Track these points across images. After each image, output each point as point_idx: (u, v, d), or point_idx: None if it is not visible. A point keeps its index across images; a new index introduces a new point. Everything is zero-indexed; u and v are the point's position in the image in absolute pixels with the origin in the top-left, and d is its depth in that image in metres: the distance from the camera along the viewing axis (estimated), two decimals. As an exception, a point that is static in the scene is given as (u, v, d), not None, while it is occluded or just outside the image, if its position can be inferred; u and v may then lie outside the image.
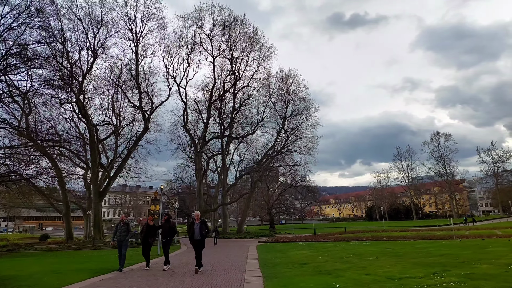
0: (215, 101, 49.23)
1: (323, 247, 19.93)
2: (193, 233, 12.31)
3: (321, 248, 18.80)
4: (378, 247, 16.93)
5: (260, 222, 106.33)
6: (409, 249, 14.95)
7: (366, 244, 19.61)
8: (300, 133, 54.32)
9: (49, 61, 36.63)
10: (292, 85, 54.02)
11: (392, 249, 15.25)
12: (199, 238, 12.30)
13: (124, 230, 13.80)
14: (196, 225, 12.37)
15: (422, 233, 35.32)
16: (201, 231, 12.26)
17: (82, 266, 14.92)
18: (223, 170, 51.88)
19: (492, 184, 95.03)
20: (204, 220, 12.49)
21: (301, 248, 20.03)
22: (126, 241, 13.88)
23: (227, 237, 42.87)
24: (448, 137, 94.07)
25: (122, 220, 14.27)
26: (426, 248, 15.36)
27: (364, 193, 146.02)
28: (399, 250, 14.70)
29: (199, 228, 12.31)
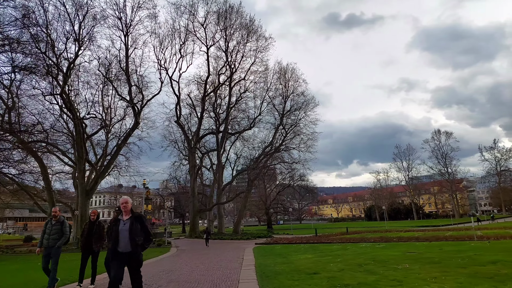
0: (210, 94, 46.70)
1: (330, 250, 17.46)
2: (116, 239, 6.37)
3: (328, 251, 16.33)
4: (397, 250, 14.48)
5: (258, 222, 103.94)
6: (440, 254, 12.47)
7: (380, 247, 17.17)
8: (299, 129, 51.90)
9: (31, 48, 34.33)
10: (291, 80, 51.65)
11: (418, 253, 12.78)
12: (128, 251, 6.29)
13: (55, 231, 9.12)
14: (123, 224, 6.43)
15: (433, 234, 32.90)
16: (131, 237, 6.29)
17: (19, 280, 11.71)
18: (218, 167, 49.34)
19: (494, 183, 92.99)
20: (141, 215, 6.76)
21: (304, 251, 17.54)
22: (58, 247, 9.14)
23: (222, 238, 40.33)
24: (449, 135, 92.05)
25: (54, 216, 9.29)
26: (460, 251, 12.89)
27: (362, 193, 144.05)
28: (429, 255, 12.20)
29: (128, 231, 6.33)
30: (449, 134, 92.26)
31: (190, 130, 48.97)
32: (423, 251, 13.49)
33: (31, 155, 38.99)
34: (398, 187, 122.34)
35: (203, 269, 12.91)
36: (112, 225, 6.57)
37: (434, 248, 14.24)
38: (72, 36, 38.06)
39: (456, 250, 13.33)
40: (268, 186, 76.07)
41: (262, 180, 69.62)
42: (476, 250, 12.89)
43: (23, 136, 37.55)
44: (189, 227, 48.27)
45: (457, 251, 12.82)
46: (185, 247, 28.81)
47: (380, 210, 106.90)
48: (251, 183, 51.21)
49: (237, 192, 57.43)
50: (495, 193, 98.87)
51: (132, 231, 6.32)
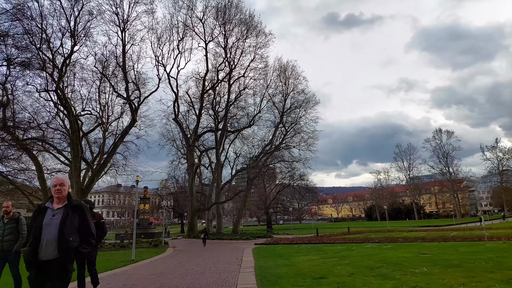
0: (208, 91, 45.70)
1: (334, 250, 16.49)
2: (37, 238, 4.12)
3: (332, 252, 15.36)
4: (407, 251, 13.52)
5: (257, 222, 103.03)
6: (458, 255, 11.46)
7: (387, 247, 16.20)
8: (299, 128, 50.94)
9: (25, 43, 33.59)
10: (291, 77, 50.68)
11: (432, 255, 11.80)
12: (53, 258, 4.08)
13: (10, 231, 7.45)
14: (51, 215, 4.26)
15: (438, 234, 31.94)
16: (61, 236, 4.13)
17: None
18: (217, 166, 48.32)
19: (496, 182, 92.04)
20: (81, 204, 4.45)
21: (307, 252, 16.56)
22: (16, 252, 7.39)
23: (221, 238, 39.34)
24: (450, 134, 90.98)
25: (6, 212, 7.63)
26: (477, 253, 11.89)
27: (363, 193, 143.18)
28: (445, 257, 11.20)
29: (58, 225, 4.16)
30: (450, 133, 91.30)
31: (188, 128, 48.01)
32: (436, 252, 12.51)
33: (25, 153, 38.10)
34: (399, 186, 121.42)
35: (198, 272, 11.92)
36: (35, 215, 4.38)
37: (448, 249, 13.25)
38: (68, 31, 37.15)
39: (473, 251, 12.34)
40: (267, 186, 75.08)
41: (261, 179, 68.67)
42: (496, 252, 11.93)
43: (18, 133, 36.69)
44: (187, 227, 47.28)
45: (474, 253, 11.84)
46: (182, 248, 27.83)
47: (380, 210, 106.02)
48: (250, 182, 50.22)
49: (236, 191, 56.47)
50: (497, 193, 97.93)
51: (64, 226, 4.13)
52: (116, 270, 12.60)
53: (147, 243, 32.56)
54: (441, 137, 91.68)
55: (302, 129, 50.42)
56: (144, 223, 46.40)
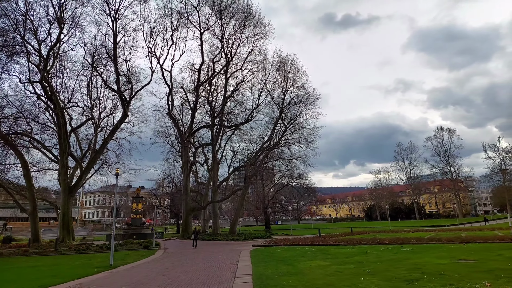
0: (204, 84, 43.46)
1: (344, 254, 14.35)
2: None
3: (344, 256, 13.22)
4: (437, 255, 11.39)
5: (255, 222, 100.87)
6: (507, 261, 9.34)
7: (407, 251, 14.06)
8: (299, 124, 48.62)
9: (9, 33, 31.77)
10: (290, 71, 48.35)
11: (476, 261, 9.64)
12: None
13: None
14: None
15: (448, 234, 29.89)
16: None
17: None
18: (213, 163, 46.11)
19: (498, 181, 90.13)
20: None
21: (313, 256, 14.39)
22: None
23: (217, 238, 37.15)
24: (452, 132, 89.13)
25: None
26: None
27: (362, 193, 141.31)
28: (497, 265, 9.00)
29: None
30: (452, 132, 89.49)
31: (182, 123, 45.81)
32: (477, 257, 10.39)
33: (10, 148, 35.90)
34: (398, 186, 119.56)
35: (183, 284, 9.74)
36: None
37: (487, 254, 11.13)
38: (54, 20, 34.93)
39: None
40: (266, 185, 72.82)
41: (260, 178, 66.46)
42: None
43: (2, 127, 34.44)
44: (182, 227, 44.99)
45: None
46: (173, 250, 25.62)
47: (380, 210, 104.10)
48: (248, 180, 47.96)
49: (233, 190, 54.30)
50: (499, 192, 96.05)
51: None
52: (83, 280, 10.44)
53: (137, 245, 30.31)
54: (442, 135, 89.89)
55: (302, 125, 48.21)
56: (137, 223, 44.15)
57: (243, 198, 50.35)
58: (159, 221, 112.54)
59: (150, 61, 41.42)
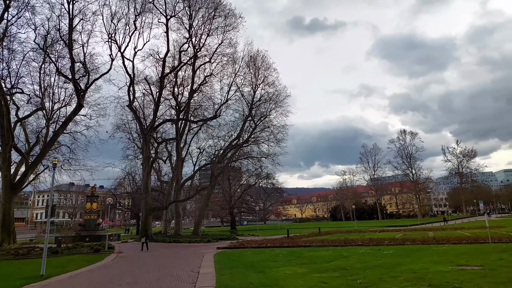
0: (169, 75, 40.77)
1: (321, 258, 12.77)
2: None
3: (322, 261, 11.63)
4: (432, 260, 10.03)
5: (220, 223, 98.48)
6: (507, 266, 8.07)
7: (391, 254, 12.70)
8: (269, 121, 47.10)
9: None
10: (261, 68, 46.69)
11: (482, 268, 8.26)
12: None
13: None
14: None
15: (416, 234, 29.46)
16: None
17: None
18: (177, 160, 43.49)
19: (456, 183, 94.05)
20: None
21: (286, 260, 12.66)
22: None
23: (179, 240, 34.74)
24: (414, 135, 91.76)
25: None
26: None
27: (327, 193, 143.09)
28: (503, 272, 7.70)
29: None
30: (414, 134, 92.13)
31: (144, 116, 42.82)
32: (480, 263, 9.06)
33: None
34: (362, 187, 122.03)
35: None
36: None
37: (485, 257, 9.89)
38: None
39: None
40: (233, 184, 70.75)
41: (227, 177, 64.35)
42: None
43: None
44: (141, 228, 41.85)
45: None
46: (128, 253, 23.08)
47: (345, 210, 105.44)
48: (214, 179, 45.75)
49: (198, 188, 51.86)
50: (455, 194, 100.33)
51: None
52: None
53: (88, 248, 27.25)
54: (405, 138, 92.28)
55: (272, 123, 46.74)
56: (91, 224, 40.61)
57: (209, 197, 48.08)
58: (118, 222, 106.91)
59: (109, 48, 38.12)
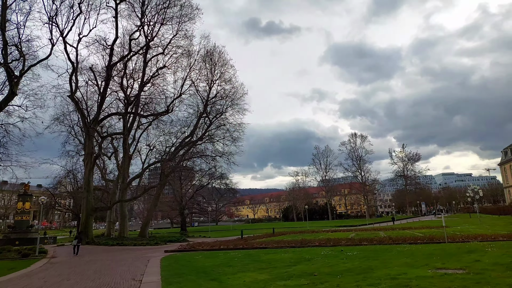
0: (117, 64, 37.74)
1: (281, 261, 11.63)
2: None
3: (281, 265, 10.49)
4: (402, 262, 9.20)
5: (170, 224, 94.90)
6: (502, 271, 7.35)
7: (355, 255, 11.90)
8: (225, 119, 45.58)
9: None
10: (218, 64, 45.00)
11: (465, 272, 7.41)
12: None
13: None
14: None
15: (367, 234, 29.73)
16: None
17: None
18: (124, 157, 40.43)
19: (401, 185, 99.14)
20: None
21: (242, 265, 11.34)
22: None
23: (123, 243, 32.02)
24: (364, 138, 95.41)
25: None
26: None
27: (280, 194, 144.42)
28: (492, 277, 6.89)
29: None
30: (364, 138, 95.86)
31: (88, 108, 39.27)
32: (460, 265, 8.31)
33: None
34: (313, 188, 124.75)
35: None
36: None
37: (461, 259, 9.26)
38: None
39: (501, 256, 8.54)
40: (184, 185, 68.09)
41: (178, 177, 61.65)
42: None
43: None
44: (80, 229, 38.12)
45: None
46: (62, 258, 20.41)
47: (297, 210, 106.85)
48: (164, 178, 43.20)
49: (146, 187, 48.88)
50: (400, 195, 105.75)
51: None
52: None
53: (16, 252, 23.86)
54: (355, 141, 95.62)
55: (228, 121, 45.27)
56: (23, 226, 36.29)
57: (158, 197, 45.39)
58: (57, 224, 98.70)
59: (50, 31, 34.23)
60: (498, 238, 17.23)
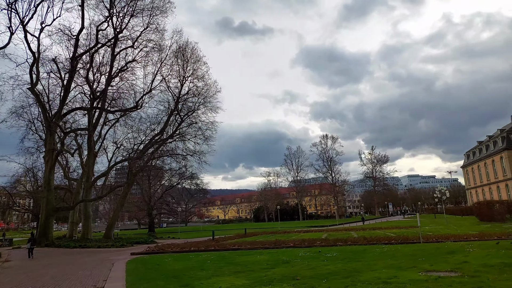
0: (82, 56, 35.68)
1: (258, 264, 10.94)
2: None
3: (258, 267, 9.83)
4: (388, 264, 8.71)
5: (137, 225, 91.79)
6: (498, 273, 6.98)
7: (335, 257, 11.40)
8: (197, 117, 44.31)
9: None
10: (190, 60, 43.62)
11: (461, 275, 6.97)
12: None
13: None
14: None
15: (340, 235, 29.73)
16: None
17: None
18: (89, 155, 38.27)
19: (370, 186, 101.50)
20: None
21: (216, 268, 10.56)
22: None
23: (86, 245, 30.19)
24: (335, 139, 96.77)
25: None
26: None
27: (251, 194, 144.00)
28: (494, 280, 6.45)
29: None
30: (335, 139, 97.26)
31: (49, 102, 36.82)
32: (451, 267, 7.84)
33: None
34: (284, 189, 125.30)
35: None
36: None
37: (448, 260, 8.90)
38: None
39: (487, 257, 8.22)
40: (153, 184, 65.90)
41: (147, 176, 59.54)
42: None
43: None
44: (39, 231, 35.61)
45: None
46: (16, 262, 18.70)
47: (268, 211, 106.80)
48: (132, 177, 41.35)
49: (112, 186, 46.70)
50: (369, 196, 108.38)
51: None
52: None
53: (-38, 258, 21.75)
54: (326, 142, 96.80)
55: (200, 119, 44.03)
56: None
57: (125, 197, 43.40)
58: (15, 225, 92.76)
59: (9, 19, 31.77)
60: (470, 238, 17.50)
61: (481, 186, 69.60)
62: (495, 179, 63.16)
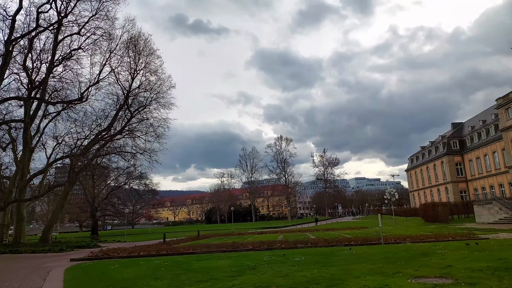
0: (19, 40, 31.97)
1: (221, 271, 9.84)
2: None
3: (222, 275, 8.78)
4: (368, 269, 7.98)
5: (79, 228, 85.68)
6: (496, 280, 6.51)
7: (305, 261, 10.59)
8: (148, 112, 41.86)
9: None
10: (143, 53, 41.06)
11: (456, 281, 6.40)
12: None
13: None
14: None
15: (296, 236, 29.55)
16: None
17: None
18: (24, 150, 34.42)
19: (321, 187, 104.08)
20: None
21: (173, 276, 9.30)
22: None
23: (19, 250, 27.00)
24: (289, 141, 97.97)
25: None
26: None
27: (203, 196, 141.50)
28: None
29: None
30: (289, 141, 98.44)
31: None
32: (439, 273, 7.23)
33: None
34: (237, 190, 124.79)
35: None
36: None
37: (432, 263, 8.39)
38: None
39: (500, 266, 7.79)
40: (97, 184, 61.55)
41: (91, 175, 55.34)
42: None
43: None
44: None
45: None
46: None
47: (220, 212, 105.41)
48: (74, 176, 37.93)
49: (51, 186, 42.62)
50: (320, 197, 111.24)
51: None
52: None
53: None
54: (281, 144, 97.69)
55: (152, 115, 41.62)
56: None
57: (65, 197, 39.74)
58: None
59: None
60: (427, 239, 17.86)
61: (423, 189, 74.27)
62: (436, 182, 67.69)
